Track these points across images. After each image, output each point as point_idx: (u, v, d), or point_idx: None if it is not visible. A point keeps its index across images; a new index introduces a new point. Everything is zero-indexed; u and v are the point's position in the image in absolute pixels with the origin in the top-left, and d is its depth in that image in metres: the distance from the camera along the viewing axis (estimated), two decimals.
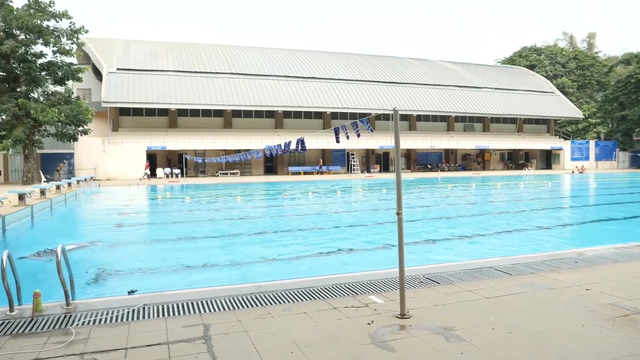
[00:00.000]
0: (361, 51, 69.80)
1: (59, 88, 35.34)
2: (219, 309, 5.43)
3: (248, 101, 44.21)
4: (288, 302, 5.66)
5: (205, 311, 5.37)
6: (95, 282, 8.21)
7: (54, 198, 21.11)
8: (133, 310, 5.41)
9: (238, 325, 4.91)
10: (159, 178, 39.93)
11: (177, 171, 41.21)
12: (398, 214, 5.21)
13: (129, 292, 6.54)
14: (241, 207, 20.46)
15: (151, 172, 40.94)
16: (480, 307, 5.41)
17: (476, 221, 15.76)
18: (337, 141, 6.97)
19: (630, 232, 13.08)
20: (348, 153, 47.81)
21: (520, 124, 57.67)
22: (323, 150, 47.83)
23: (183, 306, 5.54)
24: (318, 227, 14.37)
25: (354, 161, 44.66)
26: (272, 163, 48.27)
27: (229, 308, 5.47)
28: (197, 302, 5.66)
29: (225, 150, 43.18)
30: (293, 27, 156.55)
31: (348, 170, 46.79)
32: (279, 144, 10.48)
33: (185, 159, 39.38)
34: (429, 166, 53.40)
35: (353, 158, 44.92)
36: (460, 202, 22.25)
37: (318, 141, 43.34)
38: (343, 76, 50.85)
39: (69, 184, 27.37)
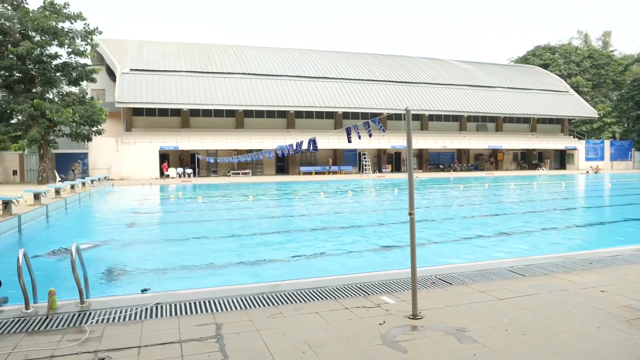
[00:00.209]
0: (373, 51, 69.66)
1: (74, 89, 35.76)
2: (231, 308, 5.45)
3: (260, 101, 44.35)
4: (300, 302, 5.66)
5: (217, 310, 5.40)
6: (108, 281, 8.30)
7: (69, 197, 21.36)
8: (146, 308, 5.45)
9: (250, 324, 4.93)
10: (172, 178, 40.22)
11: (190, 171, 41.45)
12: (410, 214, 5.19)
13: (142, 291, 6.60)
14: (253, 207, 20.53)
15: (163, 172, 41.27)
16: (493, 308, 5.37)
17: (489, 222, 15.64)
18: (349, 141, 6.97)
19: None
20: (359, 153, 47.73)
21: (533, 124, 57.10)
22: (334, 150, 47.81)
23: (195, 305, 5.57)
24: (329, 227, 14.37)
25: (366, 161, 44.57)
26: (284, 163, 48.35)
27: (241, 307, 5.49)
28: (209, 301, 5.69)
29: (237, 150, 43.35)
30: (305, 28, 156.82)
31: (360, 170, 46.71)
32: (291, 144, 10.49)
33: (197, 159, 39.60)
34: (441, 166, 53.10)
35: (365, 158, 44.83)
36: (472, 203, 22.10)
37: (330, 141, 43.33)
38: (355, 76, 50.77)
39: (83, 184, 27.67)
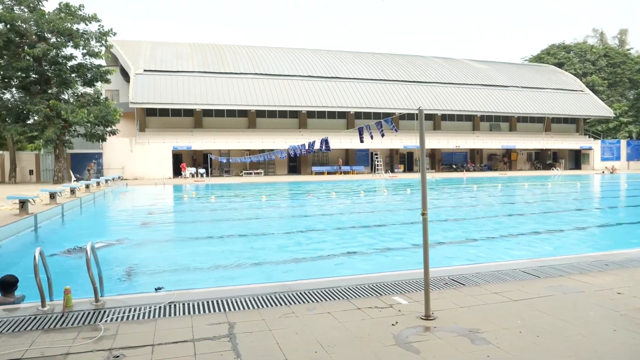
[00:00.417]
0: (385, 51, 69.42)
1: (88, 89, 36.23)
2: (244, 308, 5.47)
3: (272, 101, 44.48)
4: (312, 302, 5.66)
5: (230, 309, 5.42)
6: (123, 279, 8.38)
7: (84, 197, 21.61)
8: (159, 307, 5.49)
9: (262, 324, 4.94)
10: (185, 178, 40.52)
11: (202, 171, 41.71)
12: (423, 215, 5.16)
13: (156, 289, 6.65)
14: (266, 207, 20.59)
15: (177, 172, 41.58)
16: (506, 310, 5.32)
17: (502, 222, 15.51)
18: (361, 141, 6.96)
19: None
20: (372, 153, 47.62)
21: (548, 123, 56.48)
22: (347, 150, 47.77)
23: (208, 304, 5.60)
24: (342, 227, 14.36)
25: (378, 161, 44.46)
26: (296, 163, 48.42)
27: (254, 307, 5.50)
28: (222, 301, 5.71)
29: (249, 150, 43.53)
30: (317, 28, 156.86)
31: (372, 170, 46.60)
32: (303, 144, 10.52)
33: (210, 159, 39.85)
34: (454, 166, 52.78)
35: (377, 158, 44.72)
36: (486, 203, 21.93)
37: (342, 141, 43.30)
38: (367, 76, 50.67)
39: (98, 183, 27.98)
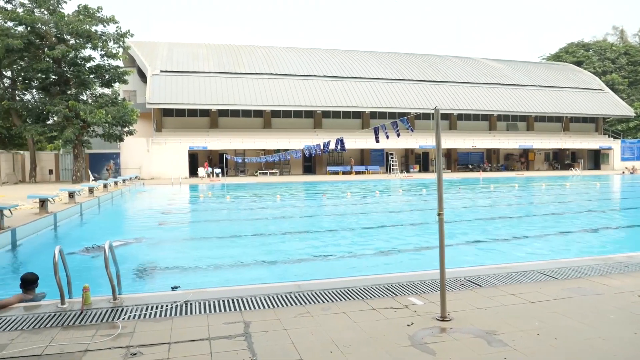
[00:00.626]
0: (401, 50, 69.11)
1: (106, 90, 36.73)
2: (259, 307, 5.50)
3: (287, 101, 44.59)
4: (327, 302, 5.66)
5: (245, 309, 5.45)
6: (140, 278, 8.48)
7: (102, 196, 21.91)
8: (176, 305, 5.54)
9: (277, 323, 4.96)
10: (200, 177, 40.84)
11: (218, 171, 42.00)
12: (439, 215, 5.13)
13: (172, 288, 6.71)
14: (281, 207, 20.65)
15: (192, 172, 41.92)
16: (524, 312, 5.25)
17: (520, 223, 15.33)
18: (377, 141, 6.94)
19: None
20: (387, 153, 47.43)
21: (566, 123, 55.64)
22: (362, 150, 47.67)
23: (224, 303, 5.64)
24: (357, 227, 14.33)
25: (393, 161, 44.27)
26: (311, 163, 48.46)
27: (269, 306, 5.52)
28: (238, 300, 5.74)
29: (264, 150, 43.70)
30: (332, 28, 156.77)
31: (387, 170, 46.43)
32: (318, 144, 10.52)
33: (225, 159, 40.10)
34: (470, 166, 52.30)
35: (392, 158, 44.53)
36: (502, 203, 21.70)
37: (357, 141, 43.22)
38: (382, 75, 50.49)
39: (115, 183, 28.35)
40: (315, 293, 6.00)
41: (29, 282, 6.25)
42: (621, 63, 68.80)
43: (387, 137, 6.93)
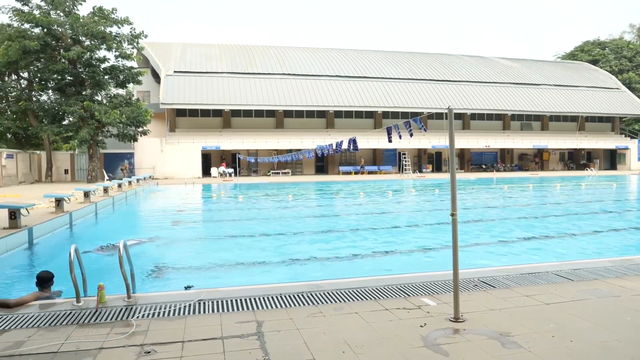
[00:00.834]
0: (413, 49, 68.77)
1: (121, 91, 37.11)
2: (272, 307, 5.51)
3: (299, 101, 44.64)
4: (339, 302, 5.66)
5: (258, 308, 5.46)
6: (154, 277, 8.54)
7: (116, 195, 22.13)
8: (189, 305, 5.58)
9: (290, 323, 4.97)
10: (213, 177, 41.06)
11: (231, 170, 42.21)
12: (452, 215, 5.09)
13: (186, 287, 6.75)
14: (293, 206, 20.68)
15: (205, 172, 42.16)
16: (538, 313, 5.19)
17: (533, 223, 15.17)
18: (390, 141, 6.92)
19: None
20: (399, 153, 47.25)
21: (581, 122, 54.92)
22: (374, 149, 47.55)
23: (237, 302, 5.66)
24: (369, 227, 14.30)
25: (406, 161, 44.08)
26: (323, 163, 48.45)
27: (281, 306, 5.53)
28: (250, 299, 5.76)
29: (277, 150, 43.79)
30: (344, 27, 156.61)
31: (399, 170, 46.25)
32: (330, 144, 10.52)
33: (238, 159, 40.25)
34: (484, 166, 51.87)
35: (404, 158, 44.35)
36: (516, 204, 21.49)
37: (369, 141, 43.12)
38: (395, 75, 50.30)
39: (130, 182, 28.60)
40: (327, 293, 5.99)
41: (45, 280, 6.34)
42: (638, 61, 67.67)
43: (400, 137, 6.91)
